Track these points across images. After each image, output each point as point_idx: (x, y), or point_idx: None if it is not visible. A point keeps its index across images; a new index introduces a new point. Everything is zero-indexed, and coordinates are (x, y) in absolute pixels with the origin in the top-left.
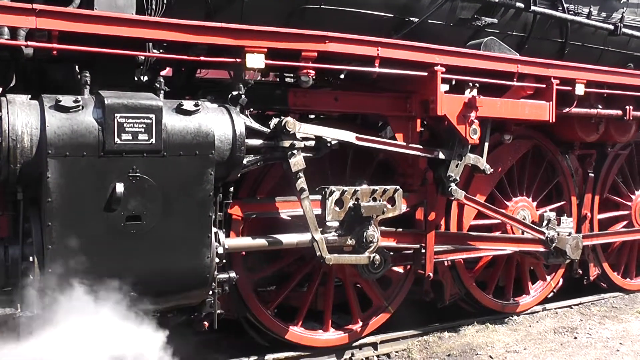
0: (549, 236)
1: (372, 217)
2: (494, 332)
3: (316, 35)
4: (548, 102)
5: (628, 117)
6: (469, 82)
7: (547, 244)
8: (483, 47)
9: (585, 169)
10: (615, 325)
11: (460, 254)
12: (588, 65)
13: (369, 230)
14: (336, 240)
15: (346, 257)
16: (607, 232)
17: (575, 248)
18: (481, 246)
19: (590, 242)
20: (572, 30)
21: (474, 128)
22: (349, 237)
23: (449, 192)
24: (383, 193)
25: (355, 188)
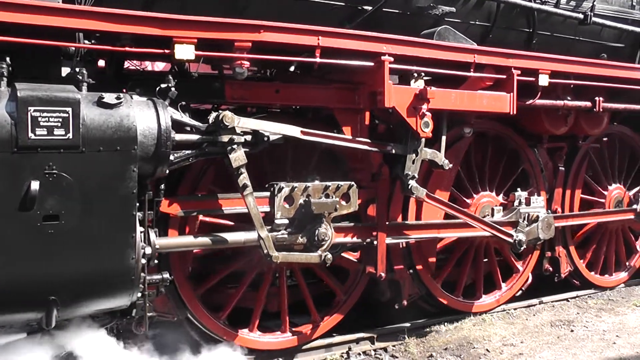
0: (517, 239)
1: (324, 215)
2: (491, 326)
3: (250, 25)
4: (509, 93)
5: (597, 108)
6: (421, 73)
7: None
8: (436, 36)
9: (556, 163)
10: (611, 318)
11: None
12: (552, 55)
13: (321, 228)
14: (286, 239)
15: (295, 256)
16: (576, 214)
17: (546, 228)
18: (442, 234)
19: (560, 223)
20: (539, 20)
21: (426, 121)
22: (300, 235)
23: (408, 190)
24: (337, 189)
25: (306, 184)
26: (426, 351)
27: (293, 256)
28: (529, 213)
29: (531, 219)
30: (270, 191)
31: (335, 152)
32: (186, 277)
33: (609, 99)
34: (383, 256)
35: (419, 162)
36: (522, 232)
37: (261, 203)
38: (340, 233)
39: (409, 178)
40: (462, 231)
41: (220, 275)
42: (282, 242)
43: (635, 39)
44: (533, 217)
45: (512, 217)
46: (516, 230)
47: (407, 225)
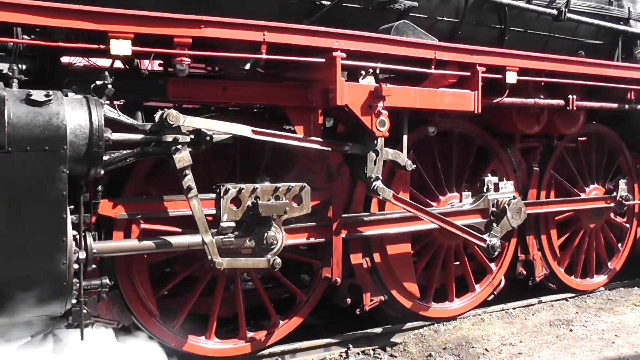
0: (490, 244)
1: (273, 217)
2: (490, 325)
3: (190, 20)
4: (473, 91)
5: (571, 107)
6: (369, 70)
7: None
8: (394, 31)
9: (530, 163)
10: (610, 317)
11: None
12: (520, 52)
13: (270, 232)
14: (233, 242)
15: (241, 261)
16: (550, 201)
17: (516, 214)
18: (405, 227)
19: (534, 210)
20: (511, 16)
21: (382, 119)
22: (248, 238)
23: (374, 191)
24: (287, 191)
25: (255, 186)
26: (425, 351)
27: (239, 262)
28: (497, 199)
29: (500, 205)
30: (217, 193)
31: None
32: (133, 282)
33: (585, 97)
34: (339, 260)
35: (381, 162)
36: (496, 237)
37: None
38: (294, 234)
39: (373, 180)
40: (422, 224)
41: (175, 280)
42: (228, 245)
43: (614, 36)
44: (502, 202)
45: (480, 204)
46: (490, 235)
47: (365, 220)
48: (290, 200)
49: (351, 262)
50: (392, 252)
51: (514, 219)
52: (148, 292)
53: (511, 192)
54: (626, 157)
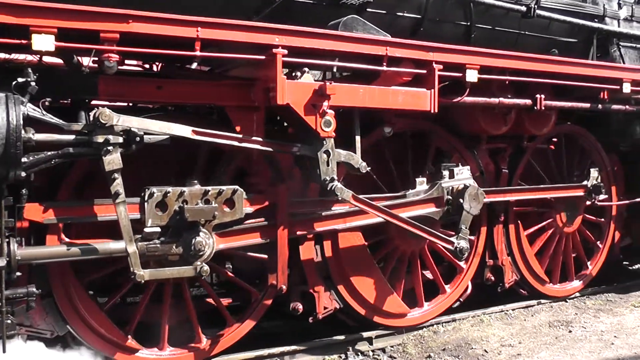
0: (458, 246)
1: (202, 223)
2: (489, 327)
3: (116, 14)
4: (429, 89)
5: (539, 107)
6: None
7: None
8: (342, 26)
9: (498, 165)
10: (610, 319)
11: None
12: (481, 49)
13: (198, 237)
14: (158, 249)
15: (165, 272)
16: (515, 188)
17: (473, 200)
18: (354, 222)
19: (497, 198)
20: (478, 12)
21: (327, 119)
22: (175, 244)
23: (332, 192)
24: (218, 194)
25: (182, 189)
26: (424, 352)
27: (162, 272)
28: (452, 186)
29: (456, 191)
30: (141, 197)
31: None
32: (68, 290)
33: (556, 96)
34: (284, 267)
35: (334, 163)
36: (464, 239)
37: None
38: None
39: (328, 182)
40: (369, 218)
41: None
42: (153, 252)
43: (589, 33)
44: (457, 189)
45: (434, 192)
46: (457, 237)
47: (312, 217)
48: (222, 204)
49: (303, 268)
50: (347, 255)
51: (471, 206)
52: (85, 300)
53: (468, 177)
54: (603, 159)
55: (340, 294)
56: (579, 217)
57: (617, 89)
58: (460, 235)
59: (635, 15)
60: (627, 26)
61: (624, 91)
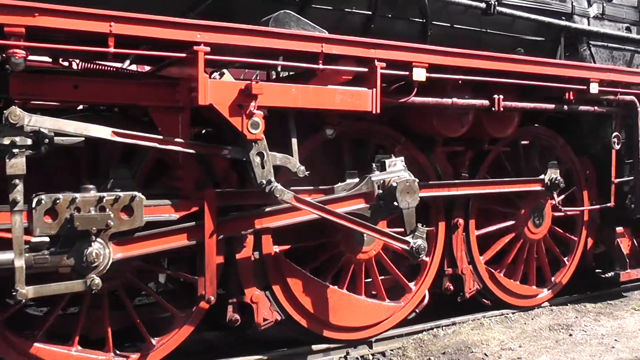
0: (414, 246)
1: (93, 232)
2: (489, 330)
3: (21, 7)
4: (371, 89)
5: (497, 108)
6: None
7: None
8: (272, 22)
9: (458, 169)
10: (610, 322)
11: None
12: (428, 46)
13: (92, 247)
14: (47, 260)
15: (51, 287)
16: (454, 183)
17: (407, 194)
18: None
19: (434, 192)
20: (434, 9)
21: (255, 121)
22: (66, 255)
23: (271, 194)
24: (115, 201)
25: (74, 195)
26: (424, 355)
27: (48, 288)
28: (384, 179)
29: (387, 185)
30: (28, 204)
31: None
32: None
33: (520, 97)
34: (213, 276)
35: (270, 164)
36: (421, 237)
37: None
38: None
39: (265, 185)
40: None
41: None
42: (42, 264)
43: (556, 32)
44: (389, 183)
45: (363, 187)
46: (413, 236)
47: (242, 215)
48: (119, 211)
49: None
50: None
51: (404, 200)
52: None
53: (401, 169)
54: (574, 163)
55: (281, 304)
56: (546, 223)
57: (584, 89)
58: (416, 234)
59: (606, 14)
60: (598, 24)
61: (591, 92)
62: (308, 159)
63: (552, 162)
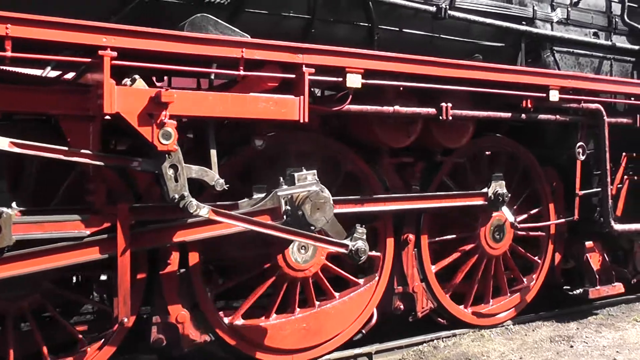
0: (354, 248)
1: None
2: (490, 342)
3: None
4: (298, 96)
5: (444, 116)
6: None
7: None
8: (188, 26)
9: (408, 182)
10: (612, 334)
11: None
12: (366, 51)
13: None
14: None
15: None
16: (385, 197)
17: (317, 211)
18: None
19: (350, 208)
20: (380, 13)
21: (166, 130)
22: None
23: (185, 209)
24: None
25: None
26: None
27: None
28: (292, 195)
29: (296, 201)
30: None
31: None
32: None
33: (473, 105)
34: (126, 296)
35: (184, 178)
36: (361, 239)
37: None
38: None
39: (177, 199)
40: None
41: None
42: None
43: (517, 37)
44: (298, 198)
45: (268, 202)
46: (352, 238)
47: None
48: None
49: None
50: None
51: (315, 217)
52: None
53: (312, 183)
54: (538, 174)
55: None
56: (507, 238)
57: (543, 97)
58: (355, 235)
59: (572, 19)
60: (563, 30)
61: (551, 99)
62: (244, 172)
63: (497, 175)
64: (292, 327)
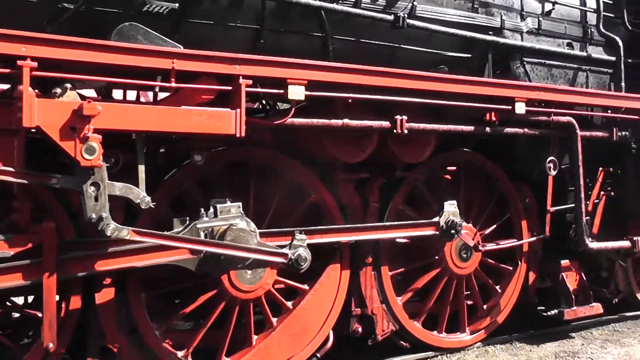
0: (293, 257)
1: None
2: (494, 357)
3: None
4: (235, 109)
5: (399, 130)
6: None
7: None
8: (116, 35)
9: (367, 198)
10: (617, 349)
11: None
12: (307, 62)
13: None
14: None
15: None
16: (323, 229)
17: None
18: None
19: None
20: (334, 22)
21: (90, 145)
22: None
23: (102, 232)
24: None
25: None
26: None
27: None
28: (212, 228)
29: (217, 234)
30: None
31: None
32: None
33: (433, 118)
34: (52, 321)
35: (106, 197)
36: (302, 246)
37: None
38: None
39: (94, 219)
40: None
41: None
42: None
43: (484, 48)
44: (219, 231)
45: (186, 235)
46: (291, 246)
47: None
48: None
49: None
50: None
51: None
52: None
53: (235, 216)
54: (509, 191)
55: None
56: (475, 257)
57: (509, 109)
58: (294, 243)
59: (543, 29)
60: (534, 40)
61: (517, 112)
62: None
63: (450, 202)
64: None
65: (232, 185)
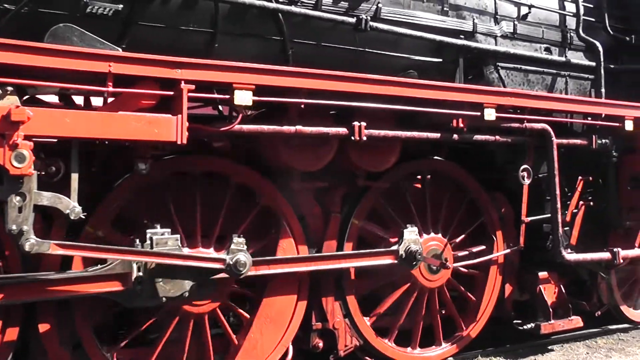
0: (231, 262)
1: None
2: None
3: None
4: (176, 115)
5: (357, 137)
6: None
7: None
8: (49, 37)
9: (328, 208)
10: (622, 358)
11: None
12: (254, 65)
13: None
14: None
15: None
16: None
17: (167, 280)
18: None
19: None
20: (293, 25)
21: (20, 152)
22: None
23: (21, 248)
24: None
25: None
26: None
27: None
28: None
29: (149, 268)
30: None
31: None
32: None
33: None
34: None
35: (30, 209)
36: (241, 251)
37: None
38: None
39: (15, 232)
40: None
41: None
42: None
43: (455, 52)
44: (152, 264)
45: (117, 267)
46: (229, 252)
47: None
48: None
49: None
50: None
51: (164, 288)
52: None
53: (173, 249)
54: (482, 200)
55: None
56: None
57: (477, 115)
58: (232, 248)
59: (519, 33)
60: (509, 44)
61: (486, 118)
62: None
63: (410, 229)
64: None
65: (179, 195)
